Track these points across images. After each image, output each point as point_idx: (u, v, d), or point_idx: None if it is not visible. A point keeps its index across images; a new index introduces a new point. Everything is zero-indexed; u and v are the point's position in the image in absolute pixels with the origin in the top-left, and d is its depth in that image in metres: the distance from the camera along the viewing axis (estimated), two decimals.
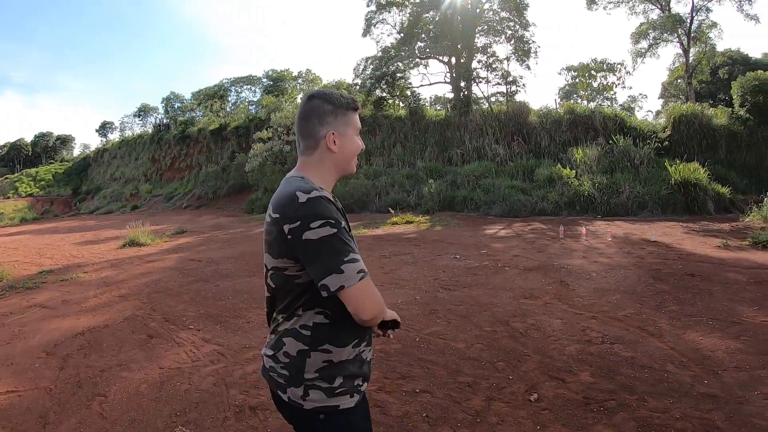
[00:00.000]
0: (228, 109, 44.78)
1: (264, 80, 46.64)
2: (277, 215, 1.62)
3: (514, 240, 11.46)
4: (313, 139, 1.76)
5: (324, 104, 1.76)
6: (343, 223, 1.63)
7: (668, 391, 3.87)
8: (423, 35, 27.43)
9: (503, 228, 13.63)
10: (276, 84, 44.46)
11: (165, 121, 50.29)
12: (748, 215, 13.41)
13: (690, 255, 8.90)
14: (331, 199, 1.66)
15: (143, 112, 62.14)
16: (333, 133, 1.76)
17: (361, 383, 1.75)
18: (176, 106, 52.84)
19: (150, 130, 50.34)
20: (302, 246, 1.56)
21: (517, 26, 26.04)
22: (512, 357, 4.67)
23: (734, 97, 21.87)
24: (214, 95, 46.74)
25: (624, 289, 6.89)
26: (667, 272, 7.66)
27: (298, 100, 33.81)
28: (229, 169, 31.44)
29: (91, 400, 4.20)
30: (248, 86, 49.02)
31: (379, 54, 28.01)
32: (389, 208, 17.90)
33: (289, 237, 1.58)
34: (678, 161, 17.44)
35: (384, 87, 27.27)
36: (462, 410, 3.69)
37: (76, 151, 76.84)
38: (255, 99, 46.95)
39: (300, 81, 45.28)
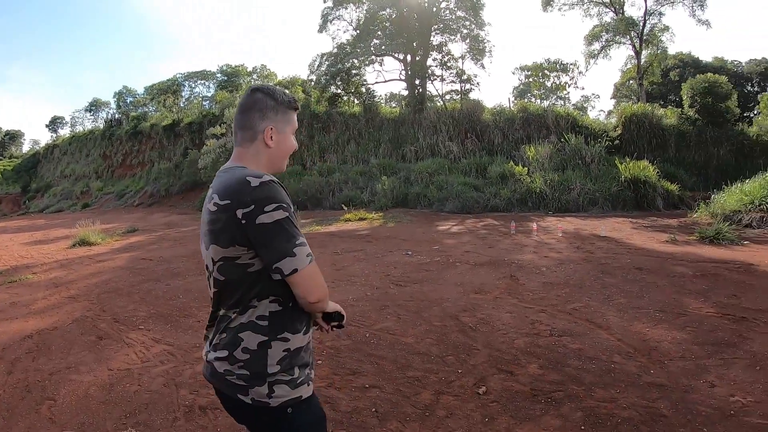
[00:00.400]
0: (181, 105, 43.79)
1: (218, 75, 46.00)
2: (227, 201, 1.60)
3: (466, 236, 11.52)
4: (251, 131, 1.78)
5: (267, 99, 1.78)
6: (293, 207, 1.69)
7: (615, 382, 3.91)
8: (379, 32, 27.43)
9: (456, 224, 13.71)
10: (230, 79, 43.89)
11: (117, 116, 48.80)
12: (696, 211, 13.89)
13: (638, 249, 9.12)
14: (281, 183, 1.66)
15: (95, 106, 60.23)
16: (272, 129, 1.78)
17: (310, 371, 1.79)
18: (128, 101, 51.56)
19: (101, 126, 48.74)
20: (256, 230, 1.57)
21: (473, 25, 26.38)
22: (461, 351, 4.66)
23: (684, 98, 22.73)
24: (168, 90, 45.70)
25: (573, 282, 6.97)
26: (615, 266, 7.81)
27: None
28: (181, 166, 30.75)
29: (40, 404, 4.04)
30: (202, 81, 48.27)
31: (335, 50, 27.84)
32: (342, 205, 17.81)
33: (243, 222, 1.58)
34: (628, 159, 17.96)
35: (339, 83, 27.18)
36: (411, 404, 3.67)
37: (26, 147, 73.18)
38: (209, 94, 46.29)
39: (255, 76, 44.79)
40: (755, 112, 34.17)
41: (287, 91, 1.86)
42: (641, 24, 28.53)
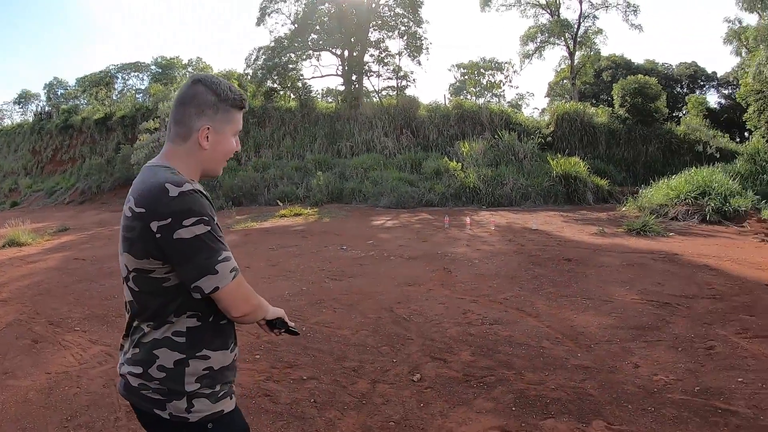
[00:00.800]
0: (114, 98, 41.91)
1: (153, 67, 44.35)
2: (142, 210, 1.46)
3: (400, 230, 11.59)
4: (185, 128, 1.60)
5: (208, 93, 1.60)
6: (216, 219, 1.55)
7: (544, 365, 4.03)
8: (317, 27, 27.21)
9: (390, 219, 13.78)
10: (165, 72, 42.40)
11: (47, 109, 46.03)
12: (624, 205, 14.53)
13: (568, 241, 9.43)
14: (204, 192, 1.54)
15: (24, 99, 56.59)
16: (208, 128, 1.60)
17: (233, 383, 1.71)
18: (59, 93, 48.80)
19: (31, 119, 46.07)
20: (173, 246, 1.44)
21: (411, 23, 26.57)
22: (396, 341, 4.72)
23: (615, 98, 23.78)
24: (100, 82, 43.63)
25: (504, 274, 7.14)
26: (545, 258, 8.05)
27: None
28: (114, 161, 29.38)
29: None
30: (136, 73, 46.34)
31: (272, 44, 27.43)
32: (278, 201, 17.58)
33: (158, 235, 1.44)
34: (560, 156, 18.59)
35: (275, 78, 26.79)
36: (348, 393, 3.73)
37: None
38: (143, 87, 44.46)
39: (190, 69, 43.42)
40: (683, 112, 36.23)
41: (234, 86, 1.67)
42: (576, 26, 29.70)
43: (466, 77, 33.68)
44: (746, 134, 30.63)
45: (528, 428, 3.14)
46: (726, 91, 39.23)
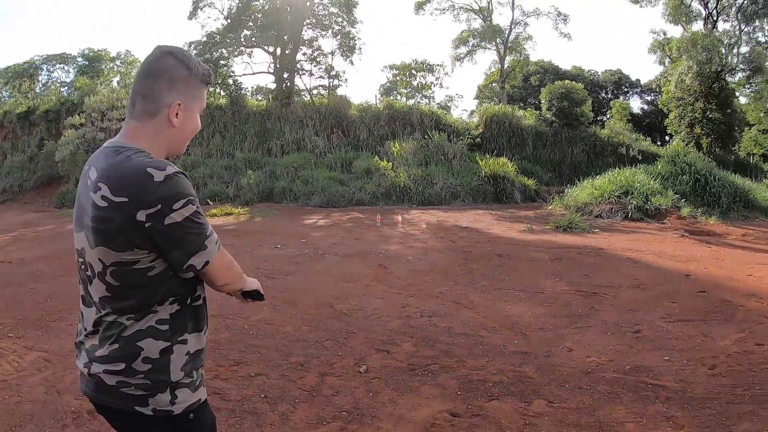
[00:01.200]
0: (38, 90, 39.51)
1: (79, 59, 42.02)
2: (124, 199, 1.36)
3: (333, 229, 11.66)
4: (155, 104, 1.51)
5: (180, 67, 1.53)
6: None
7: (483, 353, 4.23)
8: (250, 23, 26.83)
9: (322, 218, 13.82)
10: (92, 64, 40.17)
11: None
12: (551, 204, 15.29)
13: (498, 238, 9.79)
14: (183, 171, 1.48)
15: None
16: (179, 104, 1.53)
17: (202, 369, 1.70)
18: None
19: None
20: (165, 232, 1.39)
21: (345, 22, 26.66)
22: (339, 336, 4.81)
23: (543, 101, 24.93)
24: (24, 74, 41.01)
25: (439, 269, 7.36)
26: (477, 253, 8.34)
27: (114, 84, 30.91)
28: (37, 158, 27.65)
29: None
30: (61, 65, 43.70)
31: (204, 39, 26.84)
32: (208, 200, 17.23)
33: (147, 224, 1.37)
34: (489, 156, 19.25)
35: None
36: (297, 387, 3.77)
37: None
38: (68, 80, 41.99)
39: (118, 62, 41.56)
40: (607, 117, 38.30)
41: (201, 61, 1.61)
42: (507, 32, 30.72)
43: (398, 78, 34.08)
44: (667, 138, 32.79)
45: (474, 410, 3.30)
46: (648, 98, 41.96)
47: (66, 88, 39.75)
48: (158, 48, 1.55)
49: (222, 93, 26.81)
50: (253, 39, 26.20)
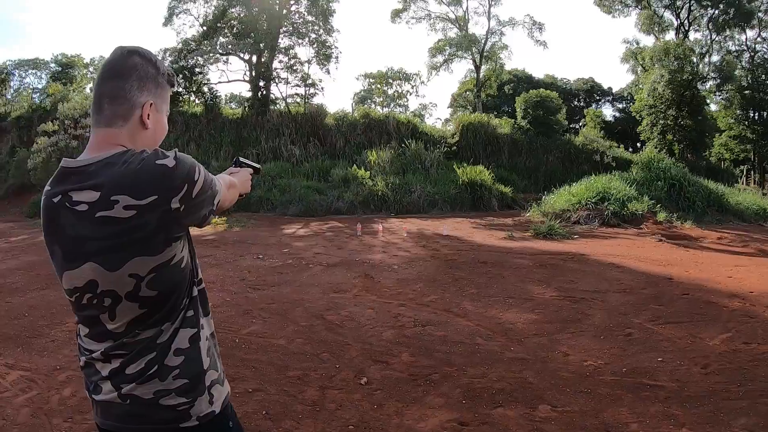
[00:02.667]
0: (9, 96, 38.55)
1: (52, 65, 41.20)
2: (153, 197, 1.33)
3: (313, 238, 11.66)
4: (128, 104, 1.43)
5: (148, 66, 1.47)
6: None
7: (482, 360, 4.31)
8: (226, 31, 26.77)
9: (301, 227, 13.81)
10: (65, 70, 39.46)
11: None
12: (529, 211, 15.54)
13: (480, 246, 9.93)
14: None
15: None
16: (151, 104, 1.47)
17: None
18: None
19: None
20: (194, 203, 1.40)
21: (321, 31, 26.80)
22: (334, 347, 4.80)
23: (518, 110, 25.50)
24: None
25: (426, 278, 7.44)
26: (461, 261, 8.45)
27: (88, 90, 30.33)
28: (8, 166, 26.98)
29: None
30: (34, 71, 42.78)
31: (179, 46, 26.66)
32: None
33: (181, 208, 1.36)
34: (465, 164, 19.54)
35: (181, 81, 26.00)
36: (299, 402, 3.74)
37: None
38: (40, 86, 41.10)
39: (92, 69, 40.88)
40: (581, 124, 39.09)
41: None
42: (483, 41, 31.18)
43: (373, 86, 34.39)
44: (638, 145, 33.55)
45: (481, 418, 3.36)
46: (620, 105, 42.95)
47: (38, 94, 38.95)
48: (120, 48, 1.48)
49: (197, 101, 26.66)
50: (229, 46, 26.12)
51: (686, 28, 27.68)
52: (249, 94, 26.54)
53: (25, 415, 3.81)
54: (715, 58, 27.59)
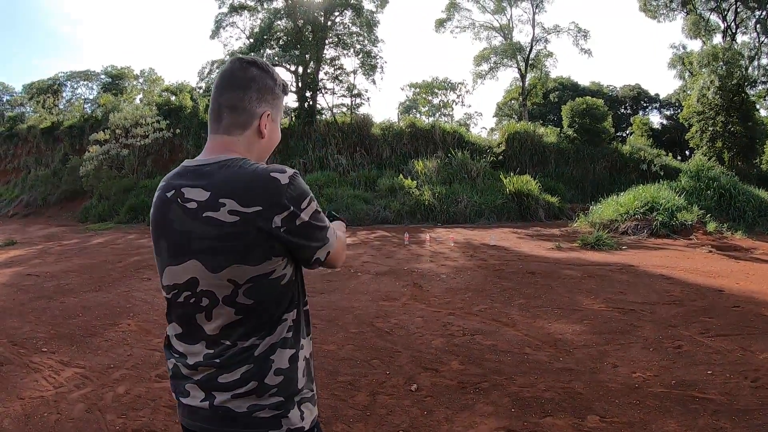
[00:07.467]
0: (62, 106, 40.22)
1: (102, 76, 42.89)
2: (258, 208, 1.36)
3: (361, 247, 11.84)
4: (247, 115, 1.50)
5: (266, 77, 1.53)
6: None
7: (531, 370, 4.37)
8: (273, 43, 27.33)
9: (349, 236, 13.97)
10: (115, 82, 41.04)
11: None
12: (576, 221, 15.38)
13: (528, 256, 9.92)
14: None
15: None
16: (268, 115, 1.54)
17: None
18: (5, 100, 46.47)
19: None
20: (296, 232, 1.41)
21: (366, 41, 27.11)
22: (384, 354, 4.93)
23: (564, 118, 25.17)
24: (48, 89, 41.81)
25: (474, 287, 7.50)
26: (509, 271, 8.48)
27: (138, 101, 31.44)
28: (61, 173, 28.15)
29: None
30: (85, 82, 44.56)
31: (227, 58, 27.38)
32: None
33: (282, 229, 1.39)
34: (511, 174, 19.47)
35: None
36: (350, 407, 3.86)
37: None
38: (91, 96, 42.82)
39: (141, 80, 42.39)
40: (628, 132, 38.46)
41: None
42: (528, 49, 31.10)
43: (418, 96, 34.59)
44: (687, 153, 32.70)
45: (530, 427, 3.44)
46: (668, 112, 41.91)
47: (89, 104, 40.40)
48: (238, 59, 1.54)
49: None
50: (276, 58, 26.60)
51: (733, 31, 26.83)
52: (296, 105, 26.98)
53: (80, 410, 3.96)
54: (764, 61, 26.61)
